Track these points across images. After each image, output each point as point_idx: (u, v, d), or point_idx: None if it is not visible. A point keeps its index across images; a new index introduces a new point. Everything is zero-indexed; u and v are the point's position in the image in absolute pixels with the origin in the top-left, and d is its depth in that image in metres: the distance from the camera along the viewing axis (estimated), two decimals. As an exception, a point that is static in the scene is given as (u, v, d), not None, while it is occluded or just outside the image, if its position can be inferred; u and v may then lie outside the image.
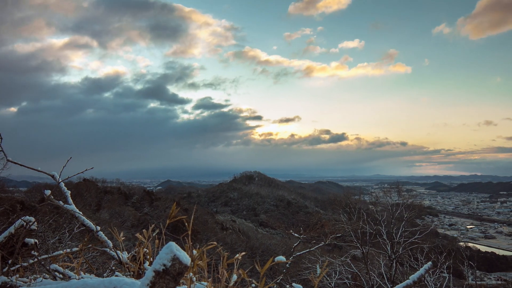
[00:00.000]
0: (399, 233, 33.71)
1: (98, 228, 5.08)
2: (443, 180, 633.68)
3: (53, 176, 5.29)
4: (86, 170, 5.88)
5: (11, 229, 4.77)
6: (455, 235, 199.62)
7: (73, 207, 5.16)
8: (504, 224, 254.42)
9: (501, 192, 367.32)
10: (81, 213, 5.14)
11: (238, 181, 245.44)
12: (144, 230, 4.45)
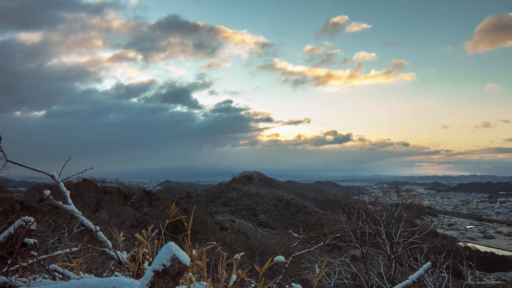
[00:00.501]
0: (399, 233, 33.70)
1: (98, 228, 5.08)
2: (442, 180, 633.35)
3: (52, 176, 5.29)
4: (85, 170, 5.89)
5: (11, 229, 4.76)
6: (455, 235, 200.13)
7: (72, 207, 5.16)
8: (504, 224, 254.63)
9: (500, 192, 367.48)
10: (80, 213, 5.14)
11: (237, 181, 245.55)
12: (143, 230, 4.45)
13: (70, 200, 5.30)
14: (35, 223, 4.92)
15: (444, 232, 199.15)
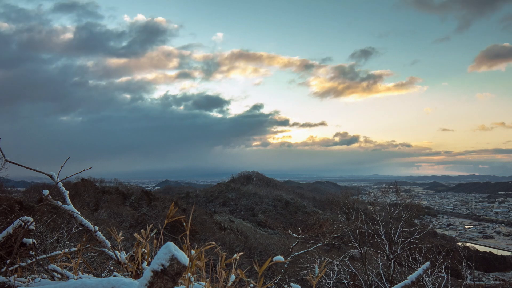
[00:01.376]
0: (397, 233, 33.72)
1: (96, 228, 5.07)
2: (441, 180, 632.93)
3: (51, 176, 5.28)
4: (84, 170, 5.88)
5: (9, 229, 4.76)
6: (453, 235, 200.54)
7: (71, 207, 5.15)
8: (502, 224, 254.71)
9: (499, 192, 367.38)
10: (79, 213, 5.13)
11: (236, 181, 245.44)
12: (142, 230, 4.45)
13: (69, 200, 5.29)
14: (34, 223, 4.91)
15: (443, 232, 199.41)
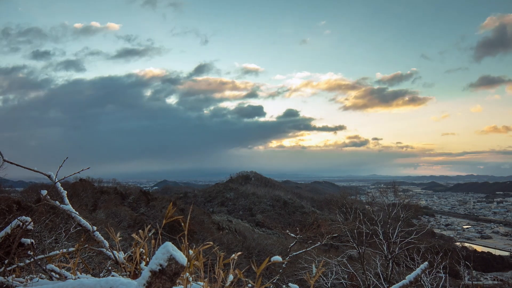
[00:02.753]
0: (396, 233, 33.75)
1: (95, 228, 5.08)
2: (439, 180, 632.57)
3: (49, 176, 5.28)
4: (82, 170, 5.88)
5: (8, 229, 4.76)
6: (452, 235, 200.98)
7: (69, 207, 5.16)
8: (501, 224, 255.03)
9: (498, 192, 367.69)
10: (77, 213, 5.13)
11: (234, 181, 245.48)
12: (140, 230, 4.45)
13: (67, 200, 5.30)
14: (32, 223, 4.92)
15: (441, 232, 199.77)
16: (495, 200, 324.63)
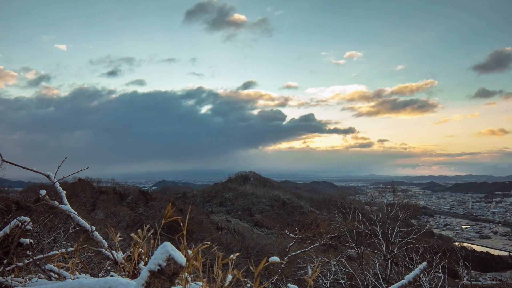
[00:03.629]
0: (394, 233, 33.75)
1: (93, 228, 5.08)
2: (438, 180, 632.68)
3: (48, 176, 5.28)
4: (81, 170, 5.88)
5: (6, 229, 4.76)
6: (450, 235, 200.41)
7: (68, 207, 5.16)
8: (499, 224, 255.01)
9: (496, 192, 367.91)
10: (76, 213, 5.14)
11: (233, 181, 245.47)
12: (139, 230, 4.45)
13: (66, 200, 5.30)
14: (31, 223, 4.92)
15: (440, 232, 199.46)
16: (494, 200, 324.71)
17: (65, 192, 5.41)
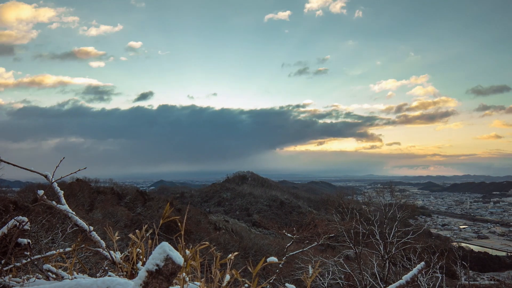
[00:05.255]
0: (392, 233, 33.77)
1: (91, 228, 5.07)
2: (436, 180, 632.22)
3: (46, 176, 5.27)
4: (79, 170, 5.87)
5: (4, 229, 4.75)
6: (448, 235, 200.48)
7: (66, 207, 5.15)
8: (497, 224, 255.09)
9: (494, 192, 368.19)
10: (74, 213, 5.13)
11: (231, 181, 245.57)
12: (137, 230, 4.45)
13: (63, 200, 5.29)
14: (28, 223, 4.91)
15: (437, 232, 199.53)
16: (491, 200, 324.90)
17: (63, 192, 5.40)
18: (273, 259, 4.08)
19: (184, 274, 3.87)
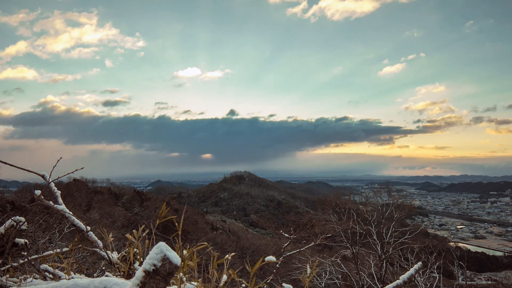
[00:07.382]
0: (389, 233, 33.81)
1: (88, 228, 5.06)
2: (433, 180, 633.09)
3: (43, 176, 5.26)
4: (76, 170, 5.86)
5: (1, 229, 4.74)
6: (446, 235, 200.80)
7: (63, 207, 5.14)
8: (494, 224, 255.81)
9: (491, 192, 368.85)
10: (71, 213, 5.12)
11: (228, 181, 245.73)
12: (134, 230, 4.44)
13: (61, 200, 5.28)
14: (26, 223, 4.90)
15: (435, 232, 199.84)
16: (489, 200, 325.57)
17: (60, 192, 5.39)
18: (271, 258, 4.08)
19: (181, 274, 3.86)
